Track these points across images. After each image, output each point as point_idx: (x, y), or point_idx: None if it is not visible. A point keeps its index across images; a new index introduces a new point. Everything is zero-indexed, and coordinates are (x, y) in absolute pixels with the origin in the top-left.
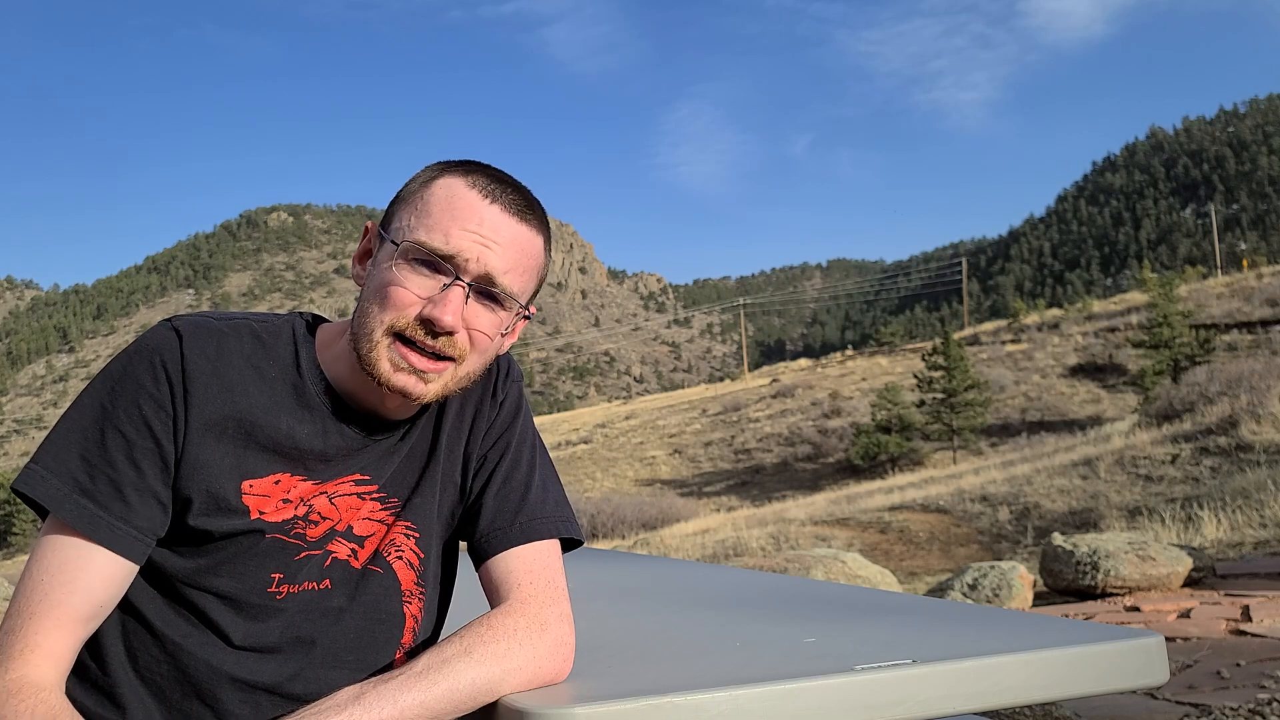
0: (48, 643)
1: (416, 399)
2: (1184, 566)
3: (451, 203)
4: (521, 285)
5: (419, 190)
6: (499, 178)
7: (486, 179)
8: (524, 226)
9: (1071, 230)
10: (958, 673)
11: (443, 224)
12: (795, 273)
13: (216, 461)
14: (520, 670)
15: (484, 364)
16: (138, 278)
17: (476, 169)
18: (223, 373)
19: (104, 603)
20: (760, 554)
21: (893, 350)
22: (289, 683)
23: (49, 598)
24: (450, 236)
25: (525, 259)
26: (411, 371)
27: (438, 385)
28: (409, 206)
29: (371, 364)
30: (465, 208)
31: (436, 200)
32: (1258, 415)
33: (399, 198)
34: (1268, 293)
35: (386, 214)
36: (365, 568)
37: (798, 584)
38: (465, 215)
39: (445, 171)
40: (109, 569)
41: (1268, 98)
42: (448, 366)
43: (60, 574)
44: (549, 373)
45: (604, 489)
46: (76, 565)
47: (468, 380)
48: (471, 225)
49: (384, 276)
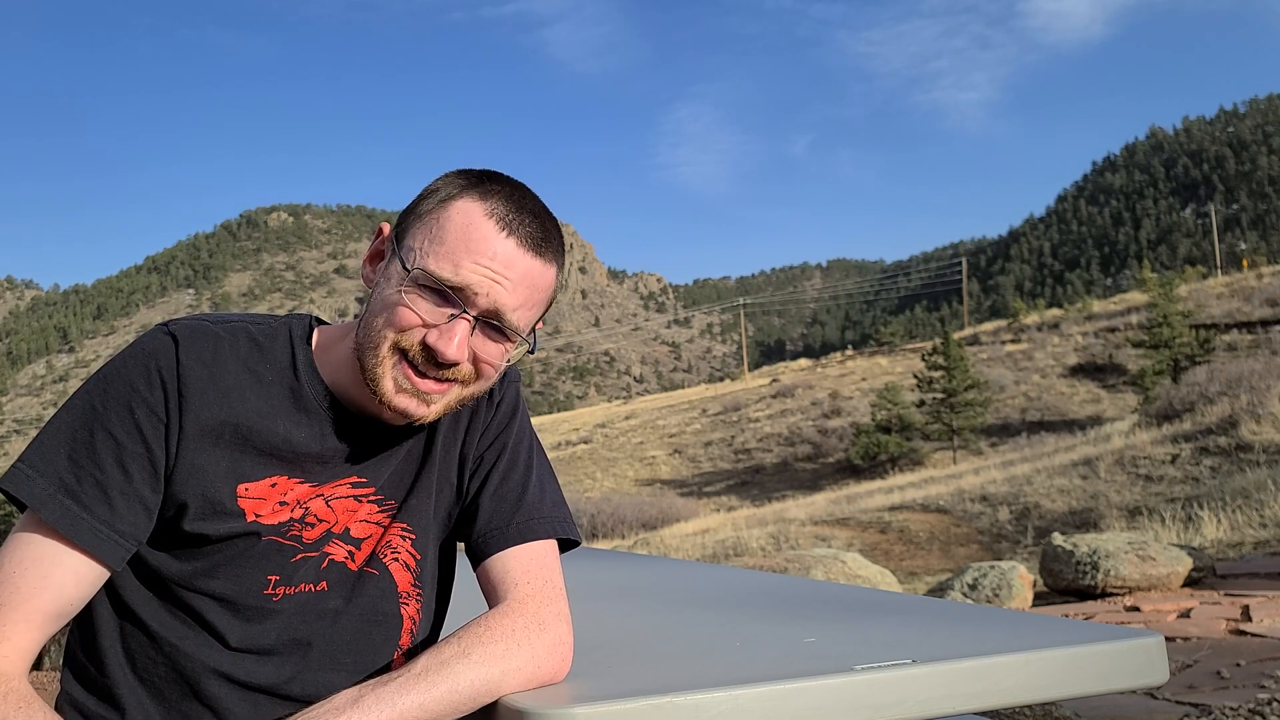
0: (15, 636)
1: (417, 420)
2: (1184, 566)
3: (467, 232)
4: (528, 318)
5: (435, 211)
6: (518, 204)
7: (505, 207)
8: (538, 261)
9: (1071, 230)
10: (958, 673)
11: (455, 254)
12: (795, 273)
13: (212, 466)
14: (519, 670)
15: (488, 384)
16: (138, 278)
17: (495, 192)
18: (219, 378)
19: (74, 601)
20: (760, 554)
21: (893, 350)
22: (286, 684)
23: (19, 592)
24: (460, 268)
25: (536, 294)
26: (414, 394)
27: (440, 406)
28: (424, 227)
29: (375, 380)
30: (480, 240)
31: (452, 226)
32: (1258, 415)
33: (415, 211)
34: (1268, 293)
35: (401, 223)
36: (362, 570)
37: (798, 584)
38: (479, 248)
39: (465, 192)
40: (83, 569)
41: (1268, 98)
42: (451, 387)
43: (34, 569)
44: (549, 373)
45: (604, 489)
46: (51, 562)
47: (470, 399)
48: (484, 259)
49: (392, 296)
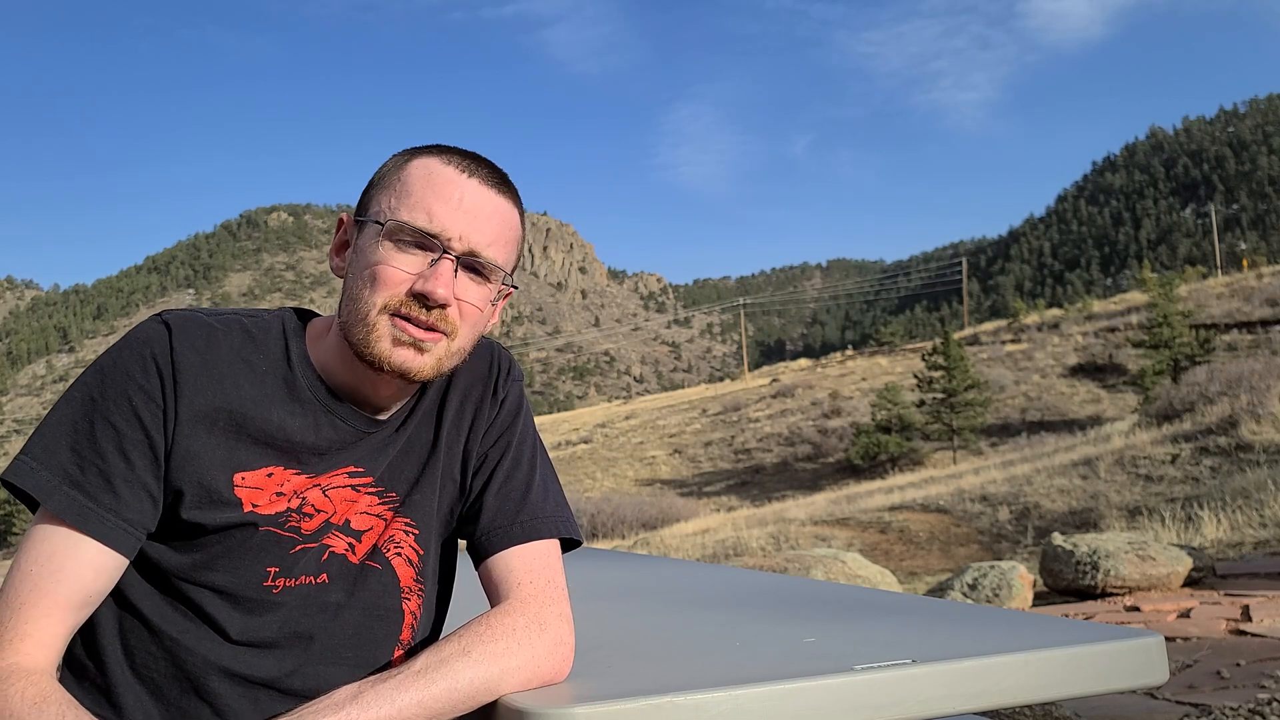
0: (38, 631)
1: (414, 375)
2: (1184, 566)
3: (430, 180)
4: (504, 256)
5: (395, 172)
6: (471, 155)
7: (459, 156)
8: (502, 198)
9: (1071, 230)
10: (957, 673)
11: (425, 202)
12: (795, 273)
13: (208, 454)
14: (519, 670)
15: (474, 338)
16: (138, 278)
17: (447, 149)
18: (212, 366)
19: (94, 592)
20: (760, 554)
21: (893, 350)
22: (287, 678)
23: (38, 587)
24: (433, 214)
25: (506, 230)
26: (410, 343)
27: (432, 359)
28: (387, 189)
29: (369, 345)
30: (445, 184)
31: (415, 179)
32: (1258, 415)
33: (373, 183)
34: (1268, 293)
35: (361, 202)
36: (363, 563)
37: (798, 584)
38: (446, 191)
39: (418, 154)
40: (99, 559)
41: (1268, 98)
42: (441, 339)
43: (49, 563)
44: (549, 373)
45: (604, 489)
46: (65, 554)
47: (460, 355)
48: (453, 201)
49: (371, 258)
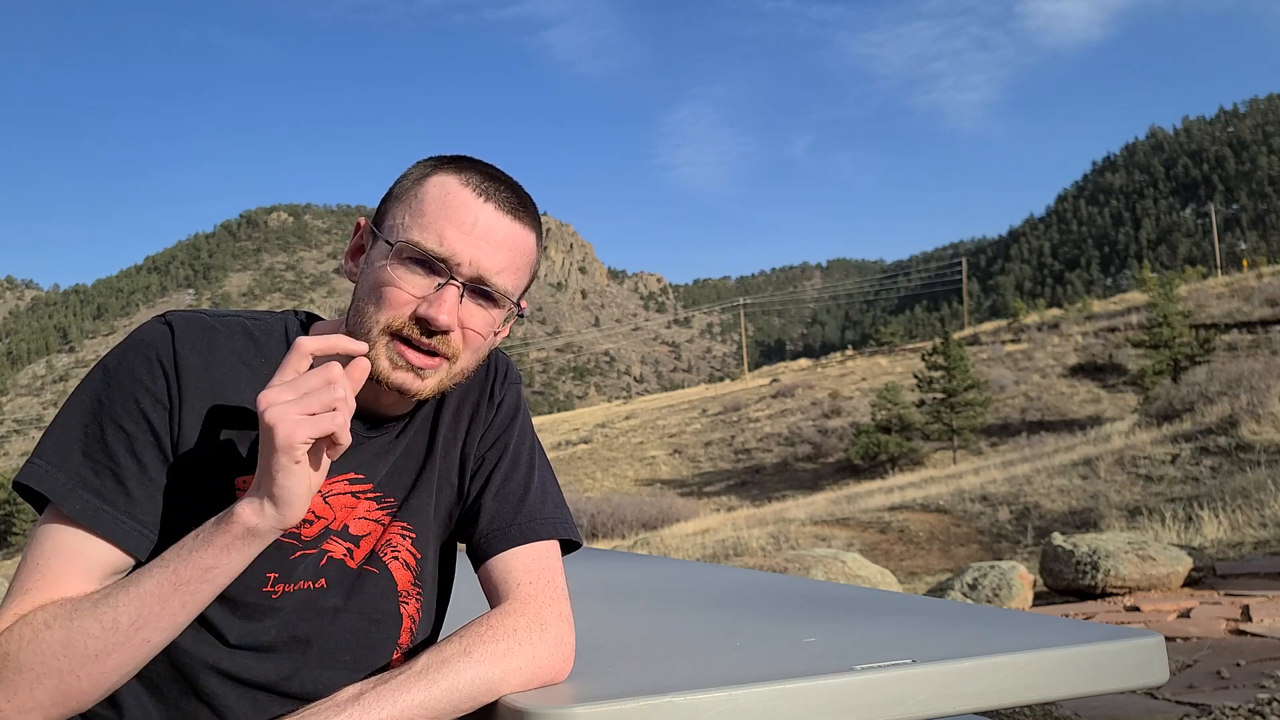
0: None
1: (414, 395)
2: (1184, 566)
3: (445, 201)
4: (514, 283)
5: (412, 188)
6: (492, 175)
7: (479, 177)
8: (517, 225)
9: (1071, 230)
10: (957, 673)
11: (437, 224)
12: (795, 273)
13: (209, 456)
14: (520, 670)
15: (477, 361)
16: (138, 278)
17: (469, 166)
18: (213, 370)
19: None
20: (760, 554)
21: (893, 350)
22: (285, 682)
23: (46, 577)
24: (444, 237)
25: (518, 257)
26: (409, 369)
27: (433, 381)
28: (402, 204)
29: (371, 362)
30: (459, 207)
31: (430, 199)
32: (1258, 415)
33: (392, 195)
34: (1268, 293)
35: (379, 211)
36: (361, 568)
37: (798, 584)
38: (459, 215)
39: (438, 169)
40: (109, 559)
41: (1268, 98)
42: (442, 363)
43: (57, 557)
44: (549, 373)
45: (604, 489)
46: (75, 550)
47: (461, 376)
48: (466, 225)
49: (378, 276)
